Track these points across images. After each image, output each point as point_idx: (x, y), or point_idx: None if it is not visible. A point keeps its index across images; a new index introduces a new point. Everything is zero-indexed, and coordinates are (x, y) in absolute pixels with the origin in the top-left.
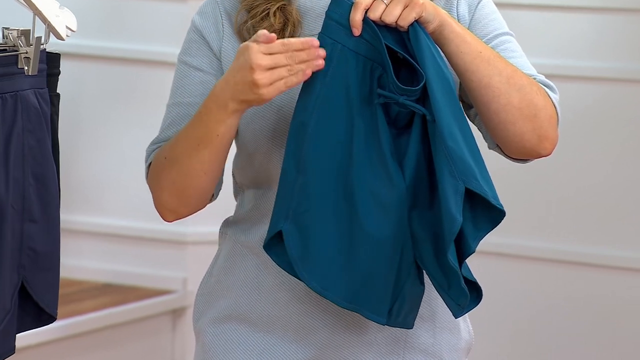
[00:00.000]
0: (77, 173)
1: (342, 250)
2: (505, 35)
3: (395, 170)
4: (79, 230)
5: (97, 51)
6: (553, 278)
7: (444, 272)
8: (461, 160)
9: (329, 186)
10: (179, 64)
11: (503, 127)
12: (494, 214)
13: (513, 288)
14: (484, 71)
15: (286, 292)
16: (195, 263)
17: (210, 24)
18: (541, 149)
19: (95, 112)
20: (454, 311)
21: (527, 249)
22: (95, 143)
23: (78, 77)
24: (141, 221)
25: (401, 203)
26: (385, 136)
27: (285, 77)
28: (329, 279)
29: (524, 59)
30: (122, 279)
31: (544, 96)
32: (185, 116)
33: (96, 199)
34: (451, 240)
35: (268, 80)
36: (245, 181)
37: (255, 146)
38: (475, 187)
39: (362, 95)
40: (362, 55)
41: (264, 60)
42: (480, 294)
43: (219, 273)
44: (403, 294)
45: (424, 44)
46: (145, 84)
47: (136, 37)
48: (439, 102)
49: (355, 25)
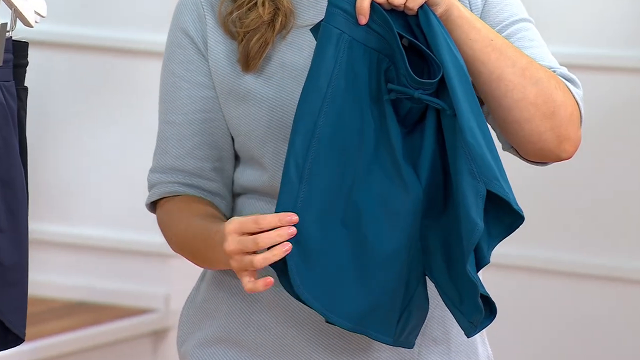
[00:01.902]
0: (46, 176)
1: (348, 268)
2: (523, 22)
3: (409, 174)
4: (47, 241)
5: (69, 39)
6: (581, 292)
7: (456, 285)
8: (482, 159)
9: (335, 197)
10: (165, 73)
11: (517, 126)
12: (510, 220)
13: (539, 305)
14: (495, 62)
15: (283, 312)
16: (179, 278)
17: (193, 17)
18: (561, 150)
19: (66, 107)
20: (466, 329)
21: (552, 261)
22: (67, 142)
23: (48, 68)
24: (118, 231)
25: (416, 210)
26: (396, 136)
27: (254, 260)
28: (334, 300)
29: (543, 49)
30: (96, 296)
31: (565, 91)
32: (180, 137)
33: (67, 206)
34: (471, 249)
35: (238, 265)
36: (236, 188)
37: (248, 149)
38: (498, 189)
39: (371, 92)
40: (369, 46)
41: (232, 245)
42: (494, 310)
43: (207, 290)
44: (409, 310)
45: (437, 29)
46: (124, 76)
47: (114, 23)
48: (458, 94)
49: (362, 13)
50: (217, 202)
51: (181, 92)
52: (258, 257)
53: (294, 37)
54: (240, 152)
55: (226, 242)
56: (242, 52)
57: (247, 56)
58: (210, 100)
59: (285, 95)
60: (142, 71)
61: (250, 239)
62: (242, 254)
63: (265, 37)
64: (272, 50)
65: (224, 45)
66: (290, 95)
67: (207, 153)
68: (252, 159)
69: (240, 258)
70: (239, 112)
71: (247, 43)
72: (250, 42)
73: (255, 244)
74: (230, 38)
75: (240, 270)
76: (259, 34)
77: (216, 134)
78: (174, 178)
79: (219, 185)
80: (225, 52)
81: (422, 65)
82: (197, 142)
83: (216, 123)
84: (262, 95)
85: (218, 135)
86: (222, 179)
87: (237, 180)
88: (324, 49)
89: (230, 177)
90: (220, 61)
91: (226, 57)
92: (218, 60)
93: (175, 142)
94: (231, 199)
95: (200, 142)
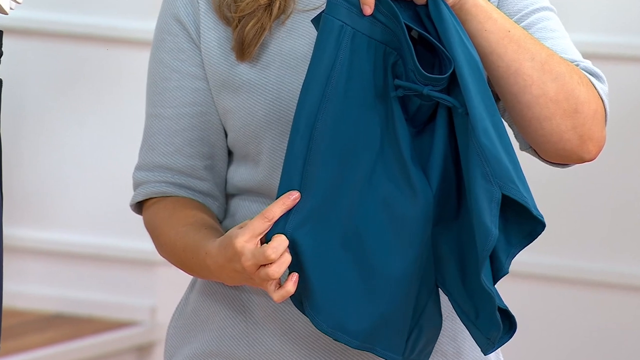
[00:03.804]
0: (21, 175)
1: (354, 281)
2: (544, 11)
3: (418, 177)
4: (22, 248)
5: (46, 26)
6: (604, 303)
7: (472, 297)
8: (497, 160)
9: (339, 205)
10: (153, 62)
11: (536, 124)
12: (530, 226)
13: (560, 317)
14: (512, 54)
15: (279, 325)
16: (167, 288)
17: (185, 2)
18: (584, 151)
19: (43, 101)
20: (483, 347)
21: (575, 270)
22: (44, 138)
23: (22, 57)
24: (100, 236)
25: (426, 216)
26: (404, 136)
27: (268, 271)
28: (340, 316)
29: (565, 41)
30: (76, 307)
31: (588, 86)
32: (169, 132)
33: (44, 208)
34: (485, 258)
35: (260, 281)
36: (229, 189)
37: (242, 145)
38: (514, 193)
39: (376, 88)
40: (374, 39)
41: (249, 260)
42: (513, 325)
43: (198, 300)
44: (420, 324)
45: (448, 20)
46: (107, 67)
47: (96, 9)
48: (470, 90)
49: (367, 2)
50: (209, 203)
51: (170, 83)
52: (272, 270)
53: (294, 23)
54: (234, 148)
55: (243, 257)
56: (237, 39)
57: (242, 43)
58: (202, 93)
59: (284, 86)
60: (128, 61)
61: (260, 253)
62: (258, 269)
63: (261, 22)
64: (269, 36)
65: (218, 32)
66: (289, 86)
67: (198, 150)
68: (247, 155)
69: (258, 273)
70: (233, 105)
71: (242, 29)
72: (246, 27)
73: (265, 258)
74: (225, 24)
75: (264, 285)
76: (255, 19)
77: (208, 129)
78: (161, 177)
79: (211, 185)
80: (218, 40)
81: (433, 60)
82: (187, 138)
83: (208, 117)
84: (258, 86)
85: (210, 130)
86: (214, 178)
87: (230, 180)
88: (325, 42)
89: (223, 176)
90: (213, 49)
91: (220, 45)
92: (211, 48)
93: (164, 137)
94: (224, 200)
95: (190, 138)
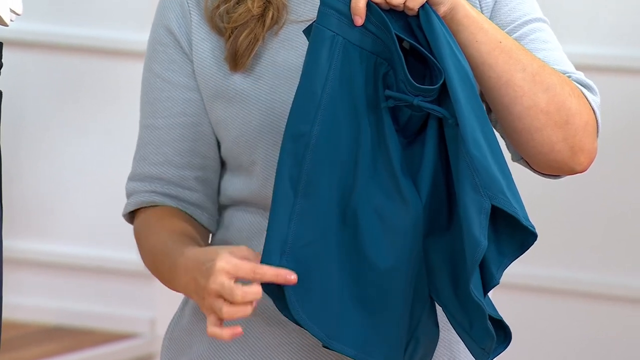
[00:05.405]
0: (21, 187)
1: (349, 290)
2: (537, 22)
3: (408, 188)
4: (22, 260)
5: (46, 38)
6: (599, 315)
7: (464, 308)
8: (486, 171)
9: (333, 212)
10: (146, 73)
11: (527, 136)
12: (522, 237)
13: (555, 329)
14: (504, 65)
15: (277, 337)
16: (166, 300)
17: (177, 13)
18: (575, 163)
19: (43, 113)
20: (478, 357)
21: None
22: (43, 151)
23: (22, 69)
24: (99, 248)
25: (416, 227)
26: (394, 147)
27: (222, 309)
28: (336, 325)
29: (558, 52)
30: (76, 320)
31: (580, 98)
32: (160, 143)
33: (43, 221)
34: (474, 269)
35: (209, 306)
36: (223, 200)
37: (236, 155)
38: (503, 203)
39: (368, 99)
40: (365, 49)
41: (214, 284)
42: (508, 335)
43: (193, 312)
44: (416, 336)
45: (439, 31)
46: (106, 78)
47: (95, 22)
48: (460, 101)
49: (358, 13)
50: (197, 214)
51: (162, 94)
52: (227, 309)
53: (287, 34)
54: (228, 159)
55: (213, 278)
56: (230, 50)
57: (235, 54)
58: (193, 103)
59: (277, 96)
60: (127, 72)
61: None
62: (217, 297)
63: (254, 33)
64: (262, 47)
65: (211, 42)
66: (282, 96)
67: (188, 161)
68: (241, 166)
69: (214, 300)
70: (227, 115)
71: (235, 39)
72: (239, 38)
73: (230, 295)
74: (218, 35)
75: (208, 312)
76: (248, 30)
77: (200, 140)
78: (151, 187)
79: (201, 195)
80: (211, 50)
81: (424, 71)
82: (177, 148)
83: (200, 128)
84: (251, 96)
85: (202, 141)
86: (204, 189)
87: (223, 191)
88: (317, 52)
89: (215, 188)
90: (206, 60)
91: (213, 56)
92: (204, 58)
93: (155, 147)
94: (216, 211)
95: (181, 148)
